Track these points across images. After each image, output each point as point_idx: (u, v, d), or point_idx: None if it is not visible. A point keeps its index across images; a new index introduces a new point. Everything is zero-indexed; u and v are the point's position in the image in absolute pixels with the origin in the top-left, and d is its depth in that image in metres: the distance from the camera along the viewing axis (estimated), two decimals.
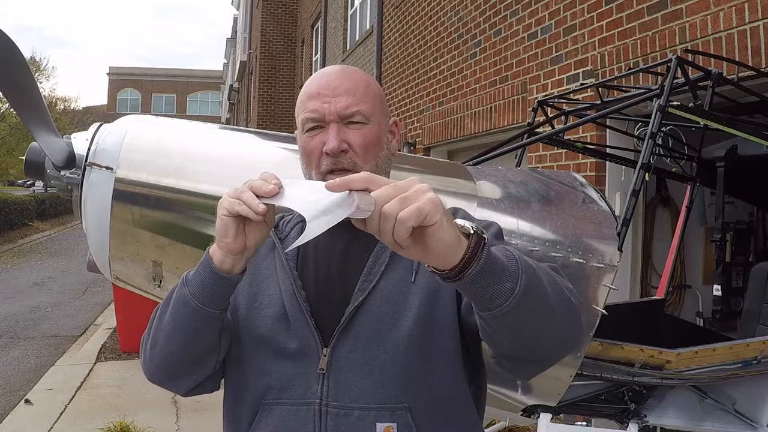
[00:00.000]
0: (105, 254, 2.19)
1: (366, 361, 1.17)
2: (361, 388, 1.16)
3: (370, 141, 1.24)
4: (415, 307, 1.19)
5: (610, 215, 2.43)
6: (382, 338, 1.18)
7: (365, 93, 1.25)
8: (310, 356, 1.19)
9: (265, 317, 1.23)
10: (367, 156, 1.24)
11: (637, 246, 4.68)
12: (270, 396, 1.19)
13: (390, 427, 1.15)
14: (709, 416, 2.63)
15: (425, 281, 1.20)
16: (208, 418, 4.94)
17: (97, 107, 52.87)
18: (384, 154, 1.28)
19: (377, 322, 1.18)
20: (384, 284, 1.21)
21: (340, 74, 1.27)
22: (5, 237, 18.79)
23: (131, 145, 2.17)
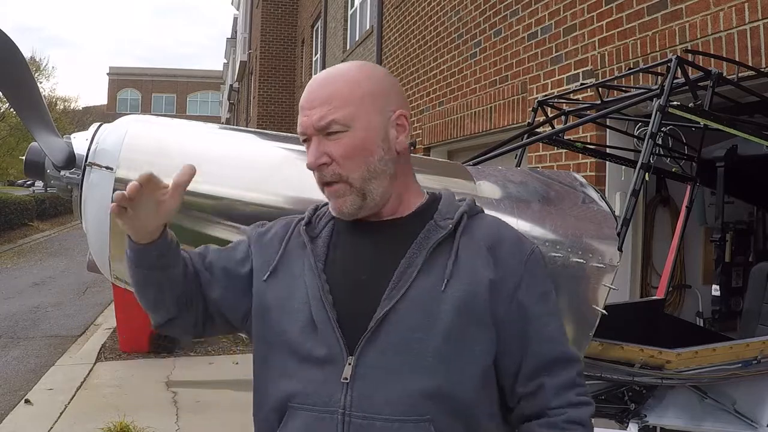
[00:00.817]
0: (105, 254, 2.19)
1: (391, 372, 1.15)
2: (384, 398, 1.14)
3: (351, 149, 1.21)
4: (445, 318, 1.16)
5: (610, 215, 2.43)
6: (409, 349, 1.15)
7: (347, 98, 1.21)
8: (335, 364, 1.17)
9: (293, 321, 1.23)
10: (351, 165, 1.21)
11: (637, 246, 4.68)
12: (296, 400, 1.19)
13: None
14: (709, 416, 2.63)
15: (457, 291, 1.18)
16: (208, 418, 4.94)
17: (97, 107, 52.88)
18: (377, 158, 1.23)
19: (404, 331, 1.16)
20: (414, 292, 1.17)
21: (321, 83, 1.24)
22: (5, 237, 18.79)
23: (131, 145, 2.16)
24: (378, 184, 1.23)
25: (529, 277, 1.24)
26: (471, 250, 1.23)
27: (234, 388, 5.71)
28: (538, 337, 1.23)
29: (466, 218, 1.26)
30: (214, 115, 50.84)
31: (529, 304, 1.23)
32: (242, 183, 2.19)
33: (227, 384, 5.86)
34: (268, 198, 2.17)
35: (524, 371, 1.22)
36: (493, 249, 1.24)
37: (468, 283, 1.19)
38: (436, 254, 1.21)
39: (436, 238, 1.22)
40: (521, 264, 1.24)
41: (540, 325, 1.23)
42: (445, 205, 1.29)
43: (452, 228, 1.24)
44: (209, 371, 6.33)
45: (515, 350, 1.22)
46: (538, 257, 1.28)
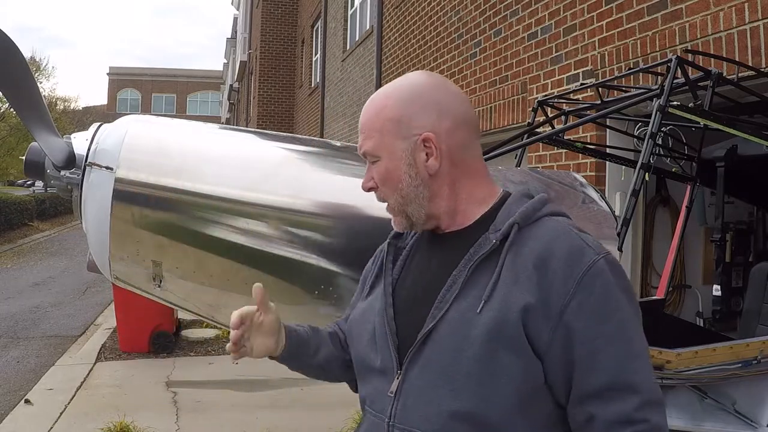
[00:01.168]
0: (105, 254, 2.19)
1: (429, 389, 1.17)
2: (422, 415, 1.17)
3: (384, 176, 1.25)
4: (475, 343, 1.12)
5: (610, 215, 2.43)
6: (444, 370, 1.16)
7: (372, 127, 1.24)
8: (389, 375, 1.23)
9: (365, 331, 1.31)
10: (387, 190, 1.26)
11: (637, 246, 4.68)
12: (366, 403, 1.29)
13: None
14: (709, 416, 2.63)
15: (492, 314, 1.12)
16: (208, 418, 4.94)
17: (97, 107, 52.86)
18: (406, 184, 1.23)
19: (441, 352, 1.16)
20: (452, 313, 1.16)
21: (366, 108, 1.28)
22: (5, 237, 18.78)
23: (131, 145, 2.17)
24: (415, 208, 1.25)
25: (583, 295, 1.10)
26: (516, 268, 1.14)
27: (234, 388, 5.71)
28: (585, 364, 1.10)
29: (516, 229, 1.17)
30: (214, 115, 50.85)
31: (577, 327, 1.10)
32: (242, 183, 2.19)
33: (227, 384, 5.85)
34: (267, 198, 2.17)
35: (573, 399, 1.13)
36: (539, 267, 1.13)
37: (500, 308, 1.12)
38: (480, 272, 1.17)
39: (481, 253, 1.17)
40: (573, 281, 1.10)
41: (589, 350, 1.10)
42: (504, 213, 1.22)
43: (497, 243, 1.17)
44: (209, 371, 6.33)
45: (562, 377, 1.12)
46: (600, 271, 1.11)
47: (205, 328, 7.53)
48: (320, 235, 2.15)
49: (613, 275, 1.13)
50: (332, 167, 2.38)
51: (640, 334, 1.14)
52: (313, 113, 16.64)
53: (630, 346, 1.11)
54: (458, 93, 1.28)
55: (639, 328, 1.14)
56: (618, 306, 1.12)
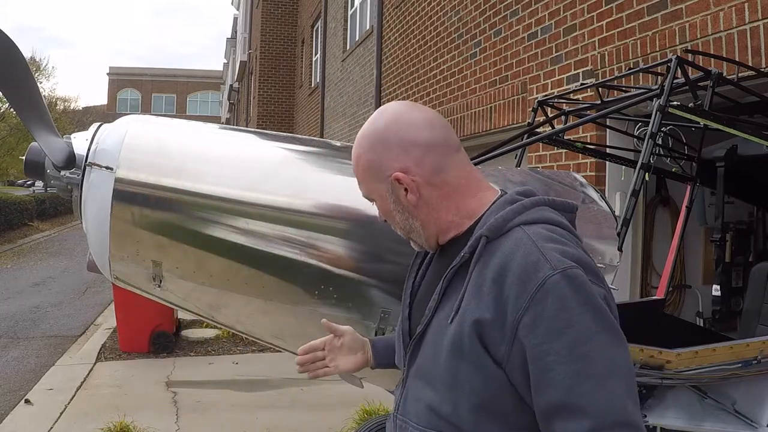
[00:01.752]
0: (105, 254, 2.19)
1: (419, 386, 1.28)
2: (413, 408, 1.28)
3: (383, 214, 1.35)
4: (445, 352, 1.19)
5: (610, 215, 2.43)
6: (427, 373, 1.26)
7: (357, 175, 1.34)
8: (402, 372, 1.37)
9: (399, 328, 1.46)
10: (391, 224, 1.36)
11: (637, 246, 4.68)
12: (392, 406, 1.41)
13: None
14: (709, 416, 2.63)
15: (455, 329, 1.17)
16: (209, 418, 4.94)
17: (97, 107, 52.87)
18: (399, 218, 1.32)
19: (425, 357, 1.27)
20: (434, 322, 1.26)
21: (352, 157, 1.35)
22: (5, 237, 18.79)
23: (131, 145, 2.16)
24: (416, 236, 1.33)
25: (536, 311, 1.08)
26: (480, 281, 1.16)
27: (234, 388, 5.71)
28: (538, 380, 1.09)
29: (484, 242, 1.18)
30: (214, 115, 50.87)
31: (530, 343, 1.09)
32: (242, 183, 2.19)
33: (227, 384, 5.85)
34: (268, 198, 2.17)
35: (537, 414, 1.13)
36: (497, 281, 1.13)
37: (460, 321, 1.16)
38: (455, 283, 1.23)
39: (453, 266, 1.23)
40: (527, 296, 1.09)
41: (541, 368, 1.08)
42: (481, 223, 1.24)
43: (466, 255, 1.20)
44: (209, 371, 6.33)
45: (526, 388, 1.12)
46: (553, 286, 1.08)
47: (205, 328, 7.54)
48: (320, 235, 2.15)
49: (570, 290, 1.08)
50: (332, 167, 2.38)
51: (605, 351, 1.07)
52: (313, 113, 16.64)
53: (585, 364, 1.06)
54: (420, 118, 1.27)
55: (604, 344, 1.08)
56: (572, 322, 1.07)
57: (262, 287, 2.18)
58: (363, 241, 2.13)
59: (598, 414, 1.04)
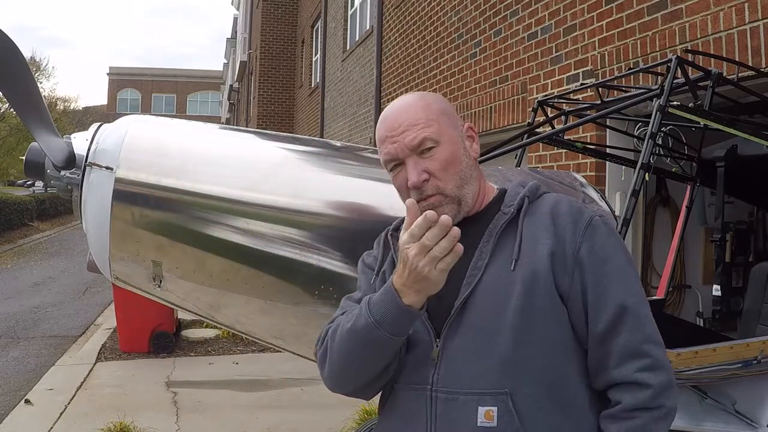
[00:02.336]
0: (105, 254, 2.19)
1: (472, 351, 1.27)
2: (467, 375, 1.26)
3: (446, 161, 1.34)
4: (515, 296, 1.26)
5: (610, 215, 2.43)
6: (487, 328, 1.27)
7: (427, 117, 1.35)
8: (425, 346, 1.31)
9: None
10: (448, 176, 1.34)
11: (637, 246, 4.68)
12: (398, 379, 1.34)
13: (490, 411, 1.24)
14: (709, 416, 2.63)
15: (523, 271, 1.28)
16: (209, 418, 4.94)
17: (97, 107, 52.85)
18: (465, 165, 1.37)
19: (483, 313, 1.28)
20: (487, 277, 1.30)
21: (399, 110, 1.38)
22: (5, 237, 18.79)
23: (131, 145, 2.16)
24: (469, 189, 1.37)
25: (589, 243, 1.30)
26: (534, 227, 1.32)
27: (234, 388, 5.71)
28: (598, 302, 1.27)
29: (527, 202, 1.36)
30: (214, 115, 50.85)
31: (587, 271, 1.28)
32: (242, 183, 2.19)
33: (227, 384, 5.85)
34: (268, 198, 2.17)
35: (592, 339, 1.28)
36: (553, 223, 1.32)
37: (531, 260, 1.29)
38: (504, 239, 1.33)
39: (501, 224, 1.34)
40: (579, 232, 1.30)
41: (599, 290, 1.28)
42: (510, 195, 1.40)
43: (515, 212, 1.35)
44: (209, 371, 6.33)
45: (583, 319, 1.29)
46: (598, 225, 1.32)
47: (205, 328, 7.53)
48: (320, 235, 2.15)
49: (608, 229, 1.34)
50: (332, 167, 2.38)
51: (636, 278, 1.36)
52: (313, 113, 16.64)
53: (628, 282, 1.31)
54: None
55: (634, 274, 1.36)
56: (612, 253, 1.32)
57: (262, 287, 2.18)
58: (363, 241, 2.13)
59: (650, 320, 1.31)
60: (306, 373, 5.48)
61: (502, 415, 1.23)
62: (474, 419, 1.24)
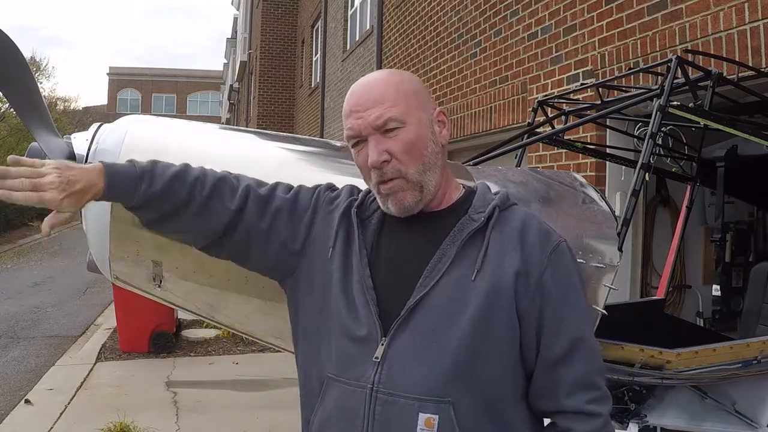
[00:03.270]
0: (105, 254, 2.19)
1: (418, 354, 1.23)
2: (409, 378, 1.22)
3: (409, 144, 1.29)
4: (473, 306, 1.23)
5: (610, 215, 2.43)
6: (438, 333, 1.23)
7: (396, 96, 1.30)
8: (370, 343, 1.26)
9: (336, 300, 1.32)
10: (410, 159, 1.29)
11: (637, 246, 4.68)
12: (334, 372, 1.29)
13: (431, 419, 1.20)
14: (709, 416, 2.63)
15: (486, 281, 1.25)
16: (209, 418, 4.94)
17: (97, 107, 52.79)
18: (430, 150, 1.32)
19: (434, 317, 1.24)
20: (446, 281, 1.25)
21: (367, 86, 1.33)
22: (5, 237, 18.79)
23: (131, 145, 2.16)
24: (432, 176, 1.31)
25: (552, 269, 1.27)
26: (502, 240, 1.29)
27: (234, 388, 5.71)
28: (555, 328, 1.26)
29: (497, 212, 1.32)
30: (214, 115, 50.82)
31: (549, 296, 1.26)
32: None
33: (227, 384, 5.86)
34: None
35: (541, 364, 1.27)
36: (521, 240, 1.29)
37: (496, 273, 1.25)
38: (468, 246, 1.28)
39: (468, 230, 1.30)
40: (545, 255, 1.28)
41: (557, 318, 1.26)
42: (479, 199, 1.36)
43: (484, 221, 1.30)
44: (209, 371, 6.33)
45: (534, 342, 1.26)
46: (564, 251, 1.30)
47: (205, 328, 7.54)
48: None
49: (572, 256, 1.33)
50: (332, 167, 2.38)
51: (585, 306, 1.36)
52: (313, 113, 16.64)
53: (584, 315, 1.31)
54: None
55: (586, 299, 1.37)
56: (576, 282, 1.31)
57: (262, 287, 2.17)
58: None
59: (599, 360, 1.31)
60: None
61: (443, 423, 1.20)
62: (414, 425, 1.20)
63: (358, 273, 1.31)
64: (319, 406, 1.32)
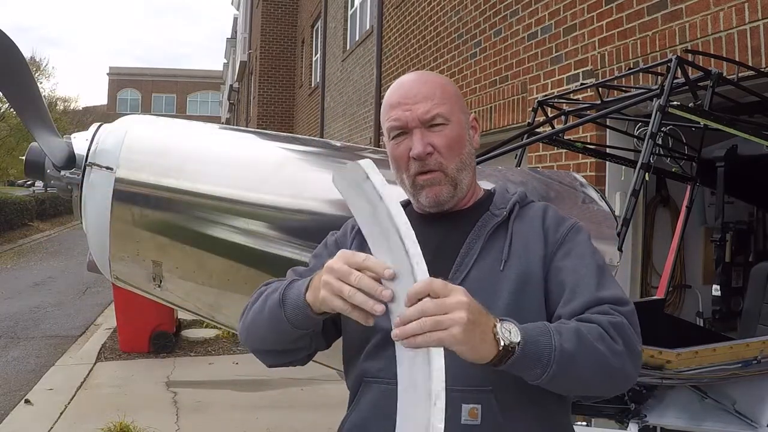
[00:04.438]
0: (105, 254, 2.19)
1: None
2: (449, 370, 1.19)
3: (452, 140, 1.35)
4: (504, 295, 1.27)
5: (610, 215, 2.43)
6: None
7: (443, 95, 1.36)
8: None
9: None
10: (451, 154, 1.35)
11: (637, 246, 4.67)
12: (370, 374, 1.31)
13: (475, 408, 1.23)
14: (709, 416, 2.63)
15: (514, 270, 1.30)
16: (209, 418, 4.94)
17: (97, 107, 52.83)
18: (467, 151, 1.39)
19: None
20: (475, 273, 1.30)
21: (417, 81, 1.38)
22: (5, 237, 18.79)
23: (131, 145, 2.17)
24: (466, 175, 1.39)
25: (568, 243, 1.34)
26: (524, 231, 1.35)
27: (234, 388, 5.71)
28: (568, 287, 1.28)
29: (518, 207, 1.39)
30: (214, 115, 50.82)
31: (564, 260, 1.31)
32: (242, 183, 2.19)
33: (227, 384, 5.86)
34: (268, 198, 2.17)
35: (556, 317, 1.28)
36: (541, 227, 1.36)
37: (522, 262, 1.31)
38: (493, 239, 1.34)
39: (491, 224, 1.36)
40: (562, 233, 1.35)
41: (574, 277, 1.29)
42: (499, 198, 1.43)
43: (506, 215, 1.37)
44: (209, 371, 6.33)
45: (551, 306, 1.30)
46: (580, 229, 1.37)
47: (205, 328, 7.54)
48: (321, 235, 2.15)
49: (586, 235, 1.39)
50: (332, 167, 2.38)
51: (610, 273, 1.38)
52: (313, 113, 16.64)
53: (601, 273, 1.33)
54: None
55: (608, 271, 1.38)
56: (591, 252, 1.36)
57: None
58: None
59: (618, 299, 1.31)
60: (306, 373, 5.48)
61: (486, 412, 1.22)
62: (458, 417, 1.21)
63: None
64: (352, 410, 1.33)
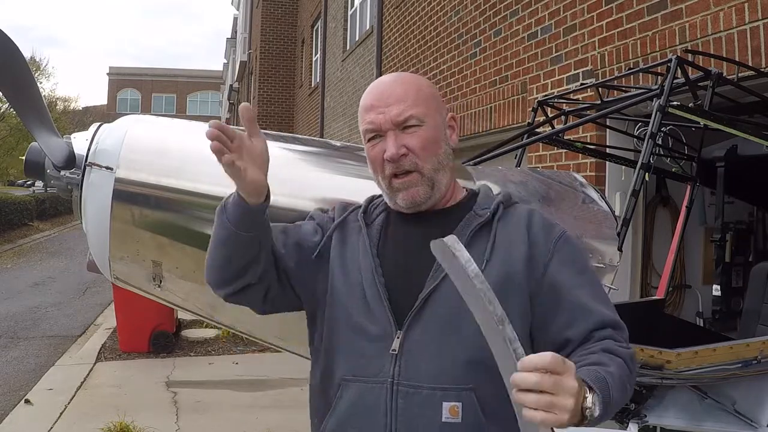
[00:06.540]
0: (105, 254, 2.19)
1: (436, 344, 1.26)
2: (429, 369, 1.25)
3: (427, 141, 1.35)
4: None
5: (610, 215, 2.43)
6: (453, 323, 1.26)
7: (417, 96, 1.36)
8: (385, 338, 1.29)
9: (348, 300, 1.35)
10: (426, 155, 1.35)
11: (637, 246, 4.68)
12: (350, 373, 1.31)
13: (455, 406, 1.23)
14: (709, 416, 2.63)
15: (496, 270, 1.29)
16: (209, 418, 4.94)
17: (97, 107, 52.84)
18: (443, 151, 1.39)
19: (448, 308, 1.26)
20: None
21: (392, 83, 1.38)
22: (5, 237, 18.78)
23: (131, 145, 2.16)
24: (443, 176, 1.38)
25: (559, 255, 1.32)
26: (508, 233, 1.34)
27: (234, 388, 5.71)
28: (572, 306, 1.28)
29: (502, 208, 1.38)
30: (214, 115, 50.81)
31: (560, 275, 1.30)
32: None
33: (227, 384, 5.86)
34: None
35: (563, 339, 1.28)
36: (527, 230, 1.35)
37: (505, 263, 1.30)
38: (476, 239, 1.33)
39: (474, 224, 1.35)
40: (551, 244, 1.33)
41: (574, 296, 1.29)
42: (483, 198, 1.42)
43: (490, 216, 1.36)
44: (209, 371, 6.33)
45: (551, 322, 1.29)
46: (569, 238, 1.36)
47: (205, 328, 7.54)
48: None
49: (574, 243, 1.39)
50: (332, 167, 2.38)
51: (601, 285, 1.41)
52: (313, 113, 16.64)
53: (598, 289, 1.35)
54: None
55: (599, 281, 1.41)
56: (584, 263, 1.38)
57: None
58: None
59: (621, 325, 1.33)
60: (306, 373, 5.47)
61: (467, 410, 1.23)
62: (438, 415, 1.22)
63: (368, 271, 1.34)
64: (332, 412, 1.33)
